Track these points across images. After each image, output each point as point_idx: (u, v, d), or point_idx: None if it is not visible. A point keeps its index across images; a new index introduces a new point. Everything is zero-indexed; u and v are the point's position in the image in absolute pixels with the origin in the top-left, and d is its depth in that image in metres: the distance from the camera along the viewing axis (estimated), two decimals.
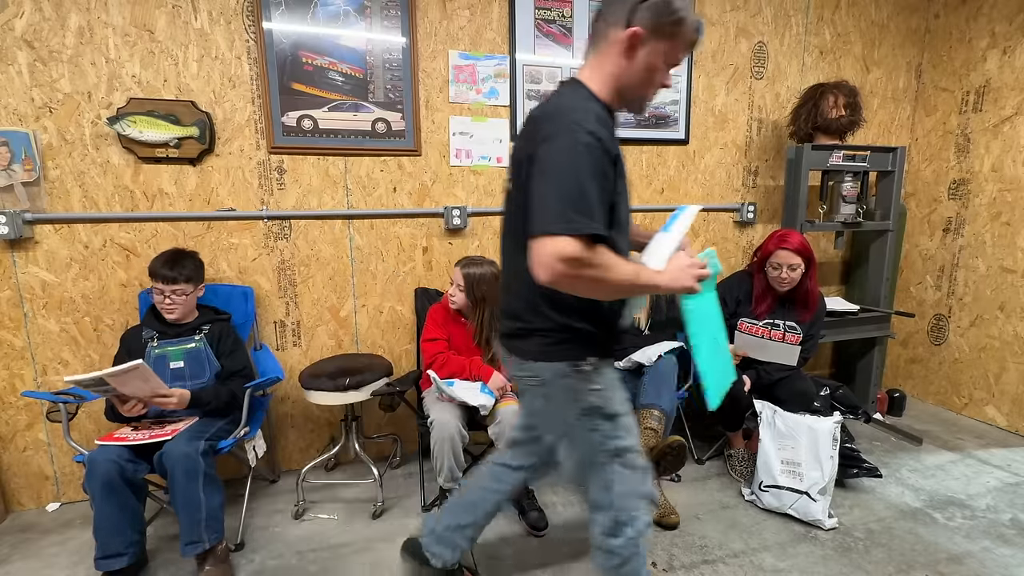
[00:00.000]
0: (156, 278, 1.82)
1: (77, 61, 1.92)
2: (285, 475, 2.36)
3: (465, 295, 2.05)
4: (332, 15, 2.14)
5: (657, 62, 1.12)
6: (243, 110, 2.11)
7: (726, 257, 2.92)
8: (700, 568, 1.74)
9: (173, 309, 1.86)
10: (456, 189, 2.41)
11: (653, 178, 2.71)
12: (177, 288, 1.84)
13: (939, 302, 3.03)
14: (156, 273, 1.82)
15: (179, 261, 1.86)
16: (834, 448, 1.94)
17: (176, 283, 1.83)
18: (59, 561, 1.81)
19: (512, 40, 2.37)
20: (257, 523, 2.01)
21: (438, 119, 2.34)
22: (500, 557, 1.81)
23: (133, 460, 1.63)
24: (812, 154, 2.57)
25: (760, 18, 2.72)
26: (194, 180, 2.10)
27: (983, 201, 2.80)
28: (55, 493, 2.17)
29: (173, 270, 1.83)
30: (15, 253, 1.96)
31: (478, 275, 2.04)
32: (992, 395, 2.80)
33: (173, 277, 1.82)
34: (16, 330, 2.01)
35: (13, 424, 2.07)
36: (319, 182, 2.24)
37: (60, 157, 1.95)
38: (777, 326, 2.27)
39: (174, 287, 1.83)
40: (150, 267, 1.85)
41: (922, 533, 1.90)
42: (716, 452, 2.47)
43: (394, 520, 2.02)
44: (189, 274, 1.87)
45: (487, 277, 2.04)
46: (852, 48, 2.93)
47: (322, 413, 2.43)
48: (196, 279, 1.90)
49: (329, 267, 2.31)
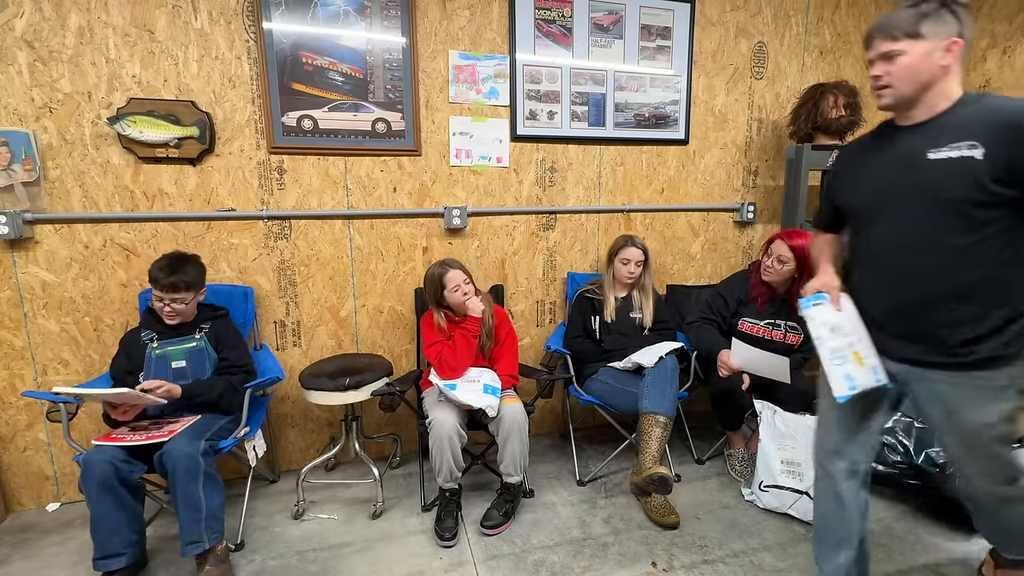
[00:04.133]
0: (157, 286, 1.79)
1: (77, 61, 1.92)
2: (285, 475, 2.36)
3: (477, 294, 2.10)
4: (332, 15, 2.14)
5: None
6: (243, 110, 2.11)
7: (726, 257, 2.92)
8: (700, 568, 1.74)
9: (174, 316, 1.84)
10: (456, 189, 2.41)
11: (653, 178, 2.71)
12: (178, 296, 1.81)
13: None
14: (156, 280, 1.79)
15: (180, 267, 1.81)
16: None
17: (177, 291, 1.80)
18: (59, 561, 1.81)
19: (512, 40, 2.37)
20: (257, 523, 2.01)
21: (438, 119, 2.34)
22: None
23: (129, 461, 1.62)
24: (812, 154, 2.57)
25: (760, 18, 2.72)
26: (194, 180, 2.10)
27: None
28: (55, 493, 2.17)
29: (173, 277, 1.79)
30: (15, 253, 1.96)
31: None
32: None
33: (174, 284, 1.79)
34: (16, 330, 2.01)
35: (13, 424, 2.07)
36: (319, 182, 2.24)
37: (60, 157, 1.95)
38: (778, 326, 2.28)
39: (174, 295, 1.80)
40: (150, 273, 1.80)
41: (922, 533, 1.90)
42: (716, 452, 2.47)
43: (394, 520, 2.02)
44: (190, 281, 1.83)
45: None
46: (852, 48, 2.93)
47: (322, 413, 2.43)
48: (197, 285, 1.88)
49: (329, 267, 2.31)
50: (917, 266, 1.22)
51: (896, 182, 1.24)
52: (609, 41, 2.50)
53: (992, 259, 1.15)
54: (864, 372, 1.25)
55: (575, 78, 2.48)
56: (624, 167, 2.65)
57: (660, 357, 2.13)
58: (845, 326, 1.30)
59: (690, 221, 2.81)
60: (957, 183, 1.14)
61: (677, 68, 2.62)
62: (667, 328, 2.42)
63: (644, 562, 1.77)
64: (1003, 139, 1.10)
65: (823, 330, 1.29)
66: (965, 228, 1.16)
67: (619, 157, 2.63)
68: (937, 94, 1.19)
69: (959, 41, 1.16)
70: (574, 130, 2.52)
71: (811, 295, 1.34)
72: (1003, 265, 1.15)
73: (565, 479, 2.30)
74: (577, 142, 2.55)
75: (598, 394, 2.21)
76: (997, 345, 1.18)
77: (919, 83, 1.19)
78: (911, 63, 1.18)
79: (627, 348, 2.27)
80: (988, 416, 1.20)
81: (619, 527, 1.96)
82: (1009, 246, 1.15)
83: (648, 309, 2.38)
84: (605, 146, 2.60)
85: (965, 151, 1.13)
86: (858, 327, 1.30)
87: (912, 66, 1.18)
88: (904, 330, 1.26)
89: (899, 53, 1.18)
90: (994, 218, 1.14)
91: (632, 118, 2.59)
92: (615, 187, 2.65)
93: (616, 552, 1.82)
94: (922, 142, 1.20)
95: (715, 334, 2.30)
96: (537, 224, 2.56)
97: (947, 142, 1.15)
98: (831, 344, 1.28)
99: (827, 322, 1.30)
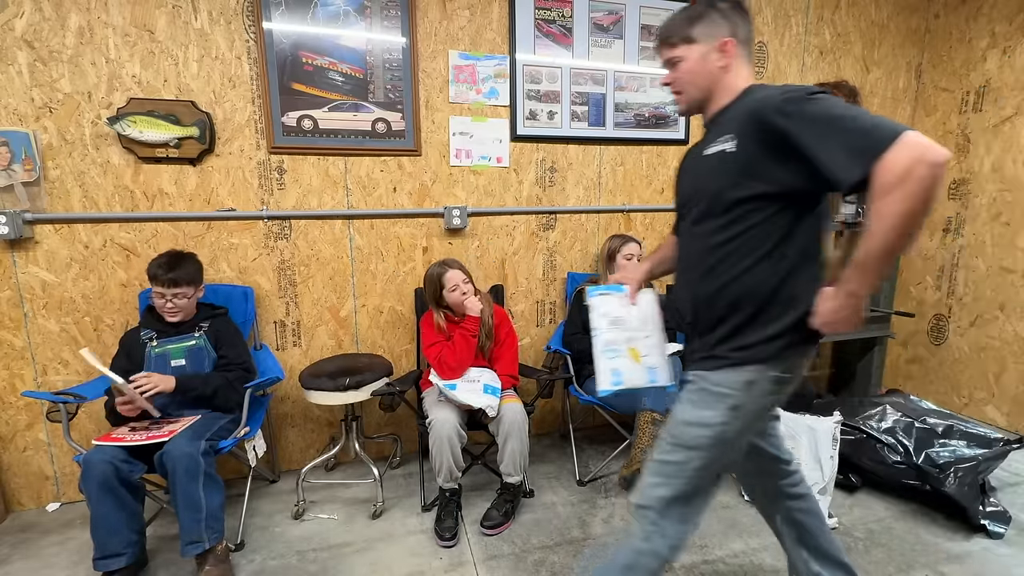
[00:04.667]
0: (157, 282, 1.80)
1: (77, 61, 1.92)
2: (285, 475, 2.36)
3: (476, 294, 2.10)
4: (332, 15, 2.14)
5: None
6: (243, 110, 2.11)
7: None
8: (700, 568, 1.74)
9: (176, 312, 1.85)
10: (456, 189, 2.41)
11: (653, 178, 2.71)
12: (179, 292, 1.83)
13: (939, 302, 3.03)
14: (157, 277, 1.80)
15: (179, 264, 1.84)
16: (834, 448, 1.94)
17: (178, 286, 1.82)
18: (59, 561, 1.81)
19: (512, 40, 2.37)
20: (257, 523, 2.01)
21: (438, 119, 2.34)
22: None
23: (129, 461, 1.62)
24: None
25: (760, 18, 2.72)
26: (194, 180, 2.10)
27: (983, 201, 2.80)
28: (55, 493, 2.17)
29: (173, 272, 1.81)
30: (15, 253, 1.96)
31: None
32: (992, 395, 2.80)
33: (175, 280, 1.81)
34: (16, 330, 2.01)
35: (13, 424, 2.07)
36: (319, 182, 2.24)
37: (60, 157, 1.95)
38: None
39: (176, 290, 1.82)
40: (149, 271, 1.82)
41: (922, 533, 1.90)
42: None
43: (394, 520, 2.02)
44: (190, 277, 1.86)
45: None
46: (852, 48, 2.93)
47: (322, 413, 2.43)
48: (197, 281, 1.90)
49: (329, 267, 2.31)
50: (695, 265, 1.21)
51: (691, 182, 1.26)
52: (609, 41, 2.50)
53: (748, 255, 1.10)
54: (637, 370, 1.22)
55: (575, 78, 2.48)
56: (624, 167, 2.65)
57: None
58: (630, 321, 1.29)
59: None
60: (716, 178, 1.12)
61: None
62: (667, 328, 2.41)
63: None
64: (747, 130, 1.06)
65: (602, 321, 1.29)
66: (724, 224, 1.12)
67: (619, 157, 2.63)
68: (722, 92, 1.19)
69: (731, 41, 1.16)
70: (574, 130, 2.52)
71: (609, 286, 1.36)
72: (759, 262, 1.09)
73: (565, 479, 2.30)
74: (577, 142, 2.55)
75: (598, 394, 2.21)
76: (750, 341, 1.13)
77: (702, 86, 1.19)
78: (690, 67, 1.18)
79: None
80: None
81: (619, 527, 1.96)
82: (763, 244, 1.09)
83: None
84: (605, 146, 2.60)
85: (723, 145, 1.11)
86: (649, 325, 1.29)
87: (692, 70, 1.19)
88: (694, 329, 1.25)
89: (679, 59, 1.19)
90: (749, 212, 1.08)
91: (632, 118, 2.59)
92: (615, 187, 2.65)
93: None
94: (706, 140, 1.21)
95: None
96: (537, 224, 2.56)
97: (715, 137, 1.15)
98: (607, 336, 1.27)
99: (608, 314, 1.30)
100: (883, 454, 2.08)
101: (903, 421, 2.14)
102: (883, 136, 0.88)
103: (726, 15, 1.16)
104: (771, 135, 1.01)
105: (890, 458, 2.06)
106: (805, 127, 0.96)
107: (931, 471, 1.95)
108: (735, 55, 1.17)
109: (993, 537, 1.86)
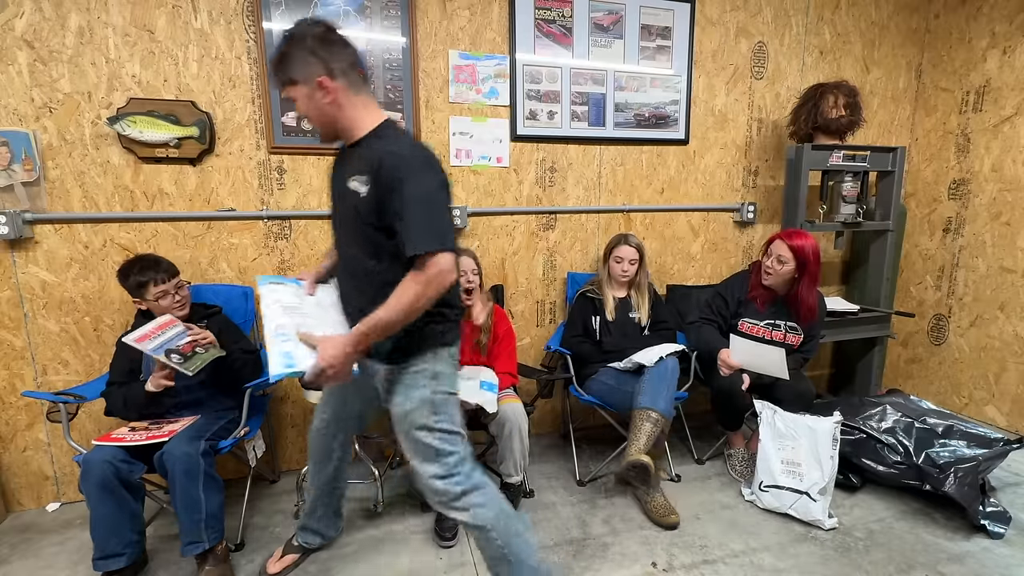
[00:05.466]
0: (155, 281, 1.79)
1: (77, 61, 1.92)
2: (285, 475, 2.36)
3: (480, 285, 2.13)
4: (332, 15, 2.13)
5: None
6: (243, 110, 2.11)
7: (726, 257, 2.92)
8: (700, 568, 1.74)
9: (184, 304, 1.87)
10: (456, 189, 2.41)
11: (653, 178, 2.71)
12: (178, 280, 1.86)
13: (939, 302, 3.03)
14: (150, 279, 1.78)
15: (158, 260, 1.85)
16: (834, 448, 1.94)
17: (175, 275, 1.85)
18: (59, 561, 1.81)
19: (512, 40, 2.37)
20: (257, 523, 2.01)
21: (438, 119, 2.34)
22: None
23: (128, 461, 1.62)
24: (812, 154, 2.57)
25: (760, 18, 2.72)
26: (194, 180, 2.10)
27: (983, 201, 2.80)
28: (55, 493, 2.17)
29: (163, 265, 1.83)
30: (15, 253, 1.96)
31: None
32: (992, 395, 2.80)
33: (169, 270, 1.83)
34: (16, 330, 2.01)
35: (13, 424, 2.07)
36: (319, 182, 2.24)
37: (60, 157, 1.95)
38: (778, 326, 2.28)
39: (176, 280, 1.85)
40: (136, 280, 1.78)
41: (922, 533, 1.90)
42: (716, 452, 2.47)
43: (394, 520, 2.02)
44: (174, 268, 1.88)
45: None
46: (852, 48, 2.93)
47: None
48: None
49: None
50: (350, 285, 1.32)
51: (336, 202, 1.31)
52: (609, 41, 2.50)
53: (394, 282, 1.17)
54: (308, 354, 1.24)
55: (575, 78, 2.48)
56: (624, 167, 2.65)
57: (661, 358, 2.13)
58: (304, 309, 1.35)
59: (690, 221, 2.81)
60: (357, 213, 1.19)
61: (677, 68, 2.62)
62: (667, 328, 2.42)
63: (644, 562, 1.77)
64: (377, 178, 1.14)
65: (275, 307, 1.32)
66: (372, 253, 1.22)
67: (619, 157, 2.63)
68: (349, 125, 1.22)
69: (325, 79, 1.16)
70: (574, 130, 2.52)
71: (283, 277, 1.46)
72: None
73: (565, 479, 2.30)
74: (577, 142, 2.55)
75: (598, 394, 2.21)
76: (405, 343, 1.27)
77: (325, 122, 1.22)
78: (303, 107, 1.20)
79: (627, 349, 2.27)
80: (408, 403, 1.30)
81: (619, 527, 1.96)
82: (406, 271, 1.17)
83: (644, 308, 2.37)
84: (605, 146, 2.60)
85: (358, 184, 1.17)
86: (322, 315, 1.35)
87: (305, 110, 1.20)
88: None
89: (292, 99, 1.21)
90: (393, 246, 1.17)
91: (632, 118, 2.59)
92: (615, 187, 2.65)
93: (616, 552, 1.82)
94: (346, 168, 1.24)
95: (715, 334, 2.30)
96: (537, 224, 2.56)
97: (353, 173, 1.19)
98: (278, 320, 1.29)
99: (280, 300, 1.34)
100: (883, 454, 2.08)
101: (903, 421, 2.14)
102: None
103: (315, 52, 1.15)
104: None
105: (890, 458, 2.06)
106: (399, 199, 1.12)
107: (931, 471, 1.95)
108: (339, 90, 1.17)
109: (993, 537, 1.86)
